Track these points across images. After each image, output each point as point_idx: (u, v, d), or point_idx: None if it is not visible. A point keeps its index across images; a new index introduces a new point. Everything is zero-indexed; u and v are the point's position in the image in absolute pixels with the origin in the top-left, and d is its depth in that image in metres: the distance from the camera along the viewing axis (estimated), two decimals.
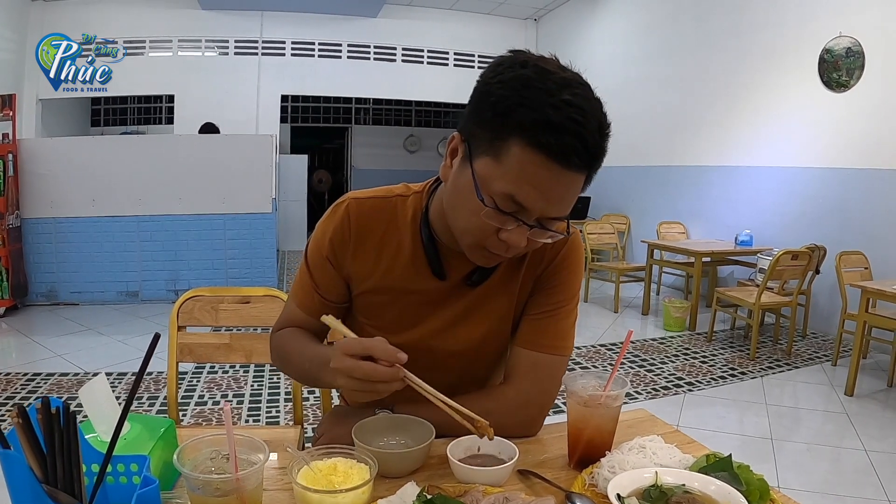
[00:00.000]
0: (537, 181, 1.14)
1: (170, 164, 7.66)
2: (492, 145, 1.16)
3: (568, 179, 1.15)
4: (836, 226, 6.56)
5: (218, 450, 1.04)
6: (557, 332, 1.49)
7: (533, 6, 12.53)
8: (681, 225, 8.76)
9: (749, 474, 1.12)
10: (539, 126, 1.10)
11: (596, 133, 1.13)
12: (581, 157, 1.13)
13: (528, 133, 1.11)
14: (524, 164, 1.13)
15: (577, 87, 1.15)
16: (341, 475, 1.07)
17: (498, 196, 1.17)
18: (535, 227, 1.20)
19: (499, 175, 1.16)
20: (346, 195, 1.51)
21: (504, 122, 1.14)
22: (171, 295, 7.63)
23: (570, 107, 1.10)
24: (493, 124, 1.16)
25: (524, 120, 1.11)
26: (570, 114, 1.10)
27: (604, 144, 1.17)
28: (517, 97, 1.13)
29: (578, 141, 1.11)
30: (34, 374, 5.07)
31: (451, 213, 1.31)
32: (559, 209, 1.20)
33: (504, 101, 1.14)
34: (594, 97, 1.17)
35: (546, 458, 1.34)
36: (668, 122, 9.24)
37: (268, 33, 11.86)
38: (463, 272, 1.45)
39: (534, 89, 1.12)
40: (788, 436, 4.20)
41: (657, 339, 6.52)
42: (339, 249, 1.47)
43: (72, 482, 0.84)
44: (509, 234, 1.20)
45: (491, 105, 1.17)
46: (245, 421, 4.30)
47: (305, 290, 1.52)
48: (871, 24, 6.22)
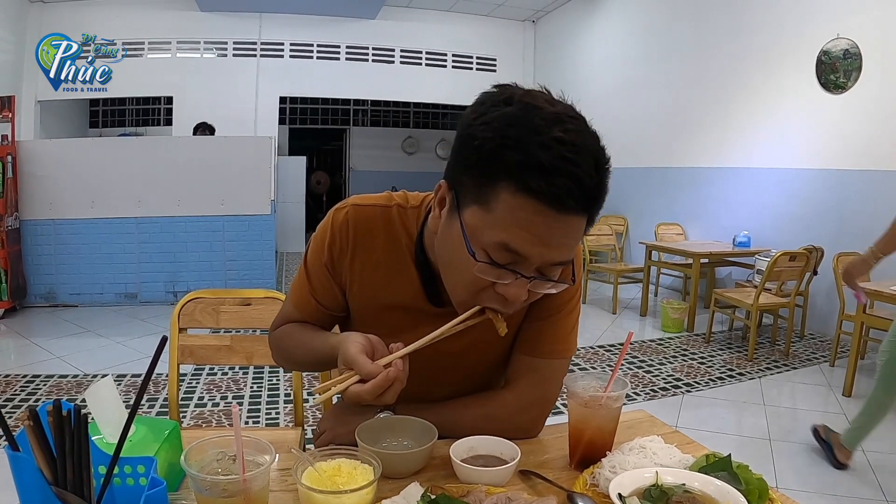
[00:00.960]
0: (532, 227, 1.06)
1: (168, 166, 7.67)
2: (480, 192, 1.09)
3: (566, 224, 1.07)
4: (834, 227, 6.57)
5: (224, 451, 1.05)
6: (557, 336, 1.46)
7: (531, 8, 12.53)
8: (679, 226, 8.77)
9: (748, 474, 1.13)
10: (527, 169, 1.02)
11: (592, 171, 1.04)
12: (577, 199, 1.04)
13: (517, 177, 1.03)
14: (515, 211, 1.05)
15: (569, 121, 1.06)
16: (345, 476, 1.08)
17: (490, 247, 1.09)
18: (535, 278, 1.12)
19: (489, 224, 1.08)
20: (347, 201, 1.45)
21: (490, 166, 1.06)
22: (170, 297, 7.64)
23: (560, 144, 1.02)
24: (479, 169, 1.08)
25: (511, 163, 1.03)
26: (561, 152, 1.02)
27: (602, 182, 1.07)
28: (502, 138, 1.04)
29: (573, 182, 1.02)
30: (33, 375, 5.07)
31: (443, 269, 1.25)
32: (560, 254, 1.11)
33: (488, 143, 1.06)
34: (589, 131, 1.09)
35: (547, 459, 1.35)
36: (666, 123, 9.25)
37: (266, 35, 11.86)
38: None
39: (519, 128, 1.04)
40: (786, 436, 4.21)
41: (655, 340, 6.53)
42: (337, 257, 1.43)
43: (81, 484, 0.84)
44: (507, 288, 1.12)
45: (475, 149, 1.08)
46: (245, 422, 4.30)
47: (303, 293, 1.50)
48: (869, 26, 6.23)
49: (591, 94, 11.20)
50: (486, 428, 1.33)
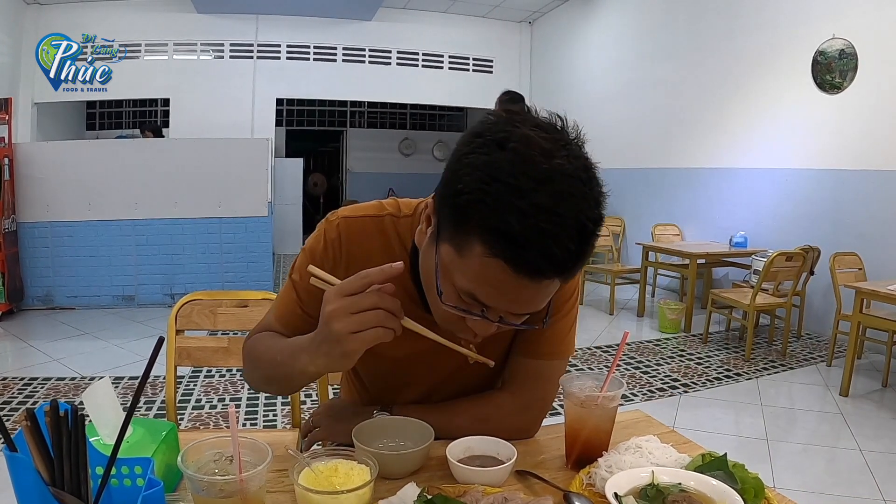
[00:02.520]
0: (500, 286, 1.03)
1: (165, 168, 7.66)
2: (455, 235, 1.05)
3: (536, 288, 1.03)
4: (830, 227, 6.58)
5: (221, 452, 1.05)
6: (555, 338, 1.45)
7: (527, 9, 12.54)
8: (675, 227, 8.77)
9: (744, 473, 1.13)
10: (499, 235, 0.97)
11: (571, 242, 0.98)
12: (548, 270, 1.00)
13: (488, 239, 0.99)
14: (484, 269, 1.02)
15: (560, 181, 0.98)
16: (342, 476, 1.08)
17: (460, 291, 1.08)
18: (501, 321, 1.11)
19: (460, 270, 1.06)
20: (337, 213, 1.42)
21: (466, 217, 1.01)
22: (167, 299, 7.64)
23: (541, 213, 0.95)
24: (456, 214, 1.04)
25: (484, 224, 0.99)
26: (538, 223, 0.95)
27: (583, 252, 1.01)
28: (481, 192, 0.98)
29: (544, 256, 0.97)
30: (31, 378, 5.06)
31: (423, 284, 1.24)
32: (528, 308, 1.10)
33: (468, 192, 1.00)
34: (582, 191, 1.00)
35: (544, 459, 1.35)
36: (662, 124, 9.26)
37: (263, 37, 11.85)
38: None
39: (502, 185, 0.97)
40: (784, 436, 4.21)
41: (652, 340, 6.54)
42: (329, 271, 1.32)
43: (78, 485, 0.85)
44: (474, 324, 1.12)
45: (456, 193, 1.03)
46: (242, 424, 4.30)
47: (288, 303, 1.44)
48: (865, 26, 6.24)
49: (587, 95, 11.21)
50: (483, 429, 1.33)
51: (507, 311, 1.09)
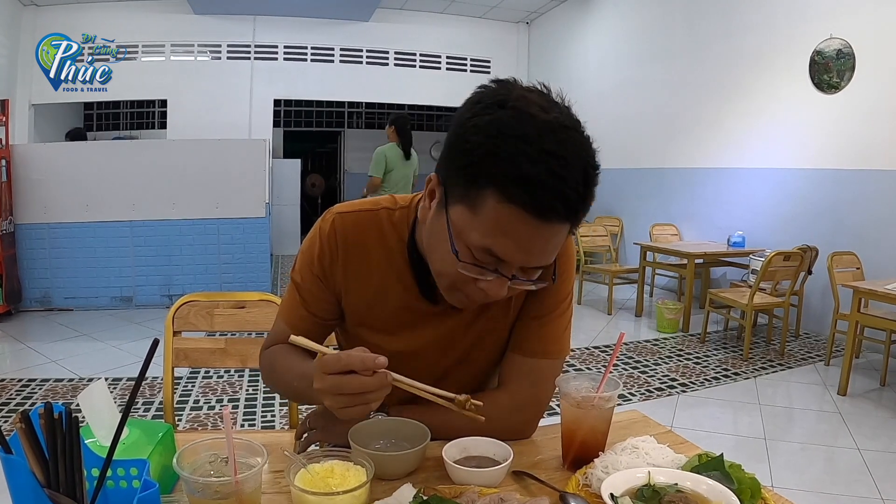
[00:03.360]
0: (515, 235, 1.09)
1: (163, 169, 7.66)
2: (467, 194, 1.11)
3: (549, 232, 1.10)
4: (828, 226, 6.59)
5: (216, 453, 1.05)
6: (551, 337, 1.46)
7: (525, 9, 12.54)
8: (673, 227, 8.78)
9: (740, 473, 1.13)
10: (514, 181, 1.04)
11: (580, 184, 1.06)
12: (562, 211, 1.06)
13: (503, 187, 1.05)
14: (500, 218, 1.07)
15: (560, 130, 1.07)
16: (338, 478, 1.08)
17: (474, 248, 1.12)
18: (515, 278, 1.16)
19: (474, 227, 1.11)
20: (330, 210, 1.46)
21: (478, 172, 1.08)
22: (165, 300, 7.63)
23: (550, 157, 1.03)
24: (467, 173, 1.10)
25: (498, 172, 1.05)
26: (549, 166, 1.03)
27: (588, 194, 1.09)
28: (491, 146, 1.06)
29: (558, 196, 1.04)
30: (29, 379, 5.06)
31: (429, 256, 1.28)
32: (541, 259, 1.15)
33: (478, 149, 1.07)
34: (581, 140, 1.10)
35: (540, 460, 1.35)
36: (660, 124, 9.26)
37: (260, 37, 11.86)
38: None
39: (509, 137, 1.05)
40: (782, 436, 4.22)
41: (650, 340, 6.54)
42: (328, 268, 1.43)
43: (73, 486, 0.85)
44: (488, 285, 1.16)
45: (465, 152, 1.10)
46: (241, 425, 4.30)
47: (293, 307, 1.48)
48: (862, 26, 6.25)
49: (585, 95, 11.20)
50: (481, 429, 1.30)
51: (520, 265, 1.15)
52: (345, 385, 1.07)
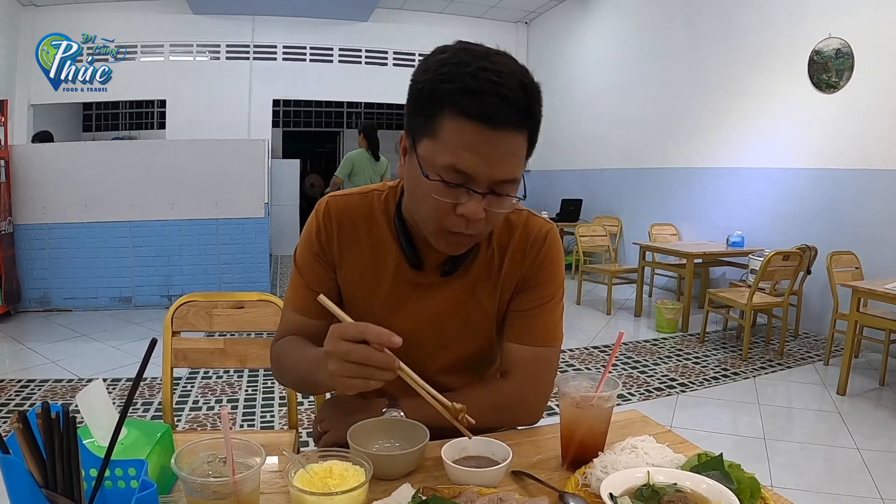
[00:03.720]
0: (473, 146, 1.20)
1: (162, 170, 7.65)
2: (428, 127, 1.24)
3: (502, 139, 1.21)
4: (827, 226, 6.59)
5: (215, 453, 1.05)
6: (547, 326, 1.54)
7: (523, 9, 12.55)
8: (672, 226, 8.78)
9: (740, 473, 1.13)
10: (460, 94, 1.17)
11: (518, 91, 1.19)
12: (507, 113, 1.18)
13: (453, 104, 1.19)
14: (456, 133, 1.20)
15: (495, 55, 1.22)
16: (337, 478, 1.07)
17: (442, 170, 1.22)
18: (487, 193, 1.24)
19: (439, 150, 1.22)
20: (325, 196, 1.57)
21: (432, 101, 1.22)
22: (164, 300, 7.63)
23: (486, 72, 1.17)
24: (425, 107, 1.24)
25: (447, 92, 1.19)
26: (487, 77, 1.17)
27: (532, 102, 1.22)
28: (439, 76, 1.20)
29: (500, 99, 1.16)
30: (28, 380, 5.06)
31: (412, 205, 1.38)
32: (504, 170, 1.24)
33: (428, 83, 1.22)
34: (516, 64, 1.22)
35: (539, 460, 1.34)
36: (659, 124, 9.27)
37: (259, 38, 11.87)
38: (438, 261, 1.49)
39: (452, 65, 1.20)
40: (781, 435, 4.22)
41: (650, 340, 6.54)
42: (325, 244, 1.52)
43: (71, 487, 0.84)
44: (465, 207, 1.24)
45: (418, 92, 1.25)
46: (240, 426, 4.30)
47: (298, 291, 1.55)
48: (861, 25, 6.25)
49: (584, 95, 11.23)
50: (494, 418, 1.46)
51: (488, 180, 1.23)
52: (354, 352, 1.11)
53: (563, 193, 11.36)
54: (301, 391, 1.72)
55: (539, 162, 13.14)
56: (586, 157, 11.21)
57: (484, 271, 1.52)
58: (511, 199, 1.29)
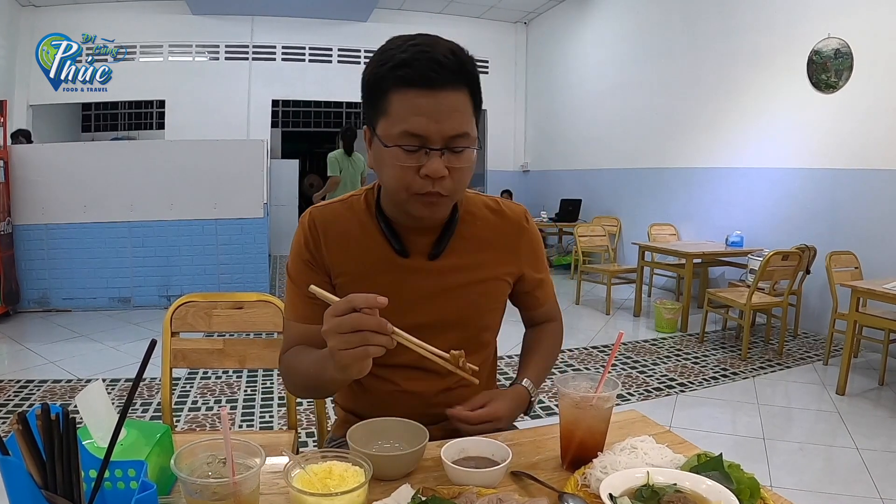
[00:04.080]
0: (419, 109, 1.31)
1: (161, 170, 7.64)
2: (380, 108, 1.37)
3: (444, 98, 1.32)
4: (826, 226, 6.59)
5: (214, 454, 1.05)
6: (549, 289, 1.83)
7: (522, 10, 12.56)
8: (671, 226, 8.79)
9: (740, 473, 1.13)
10: (397, 69, 1.31)
11: (448, 54, 1.32)
12: (441, 74, 1.31)
13: (394, 79, 1.32)
14: (401, 103, 1.33)
15: (424, 35, 1.36)
16: (336, 478, 1.07)
17: (399, 138, 1.33)
18: (443, 150, 1.34)
19: (392, 123, 1.34)
20: (307, 209, 1.65)
21: (377, 85, 1.36)
22: (164, 301, 7.63)
23: (416, 46, 1.32)
24: (374, 93, 1.38)
25: (387, 73, 1.33)
26: (418, 49, 1.32)
27: (463, 62, 1.35)
28: (378, 63, 1.36)
29: (430, 62, 1.30)
30: (27, 381, 5.06)
31: (383, 184, 1.48)
32: (453, 125, 1.34)
33: (372, 72, 1.37)
34: (444, 39, 1.37)
35: (539, 460, 1.35)
36: (658, 124, 9.27)
37: (258, 38, 11.88)
38: (424, 247, 1.56)
39: (386, 51, 1.36)
40: (781, 435, 4.22)
41: (649, 340, 6.54)
42: (315, 251, 1.57)
43: (71, 488, 0.84)
44: (427, 166, 1.34)
45: (367, 83, 1.40)
46: (239, 426, 4.30)
47: (296, 301, 1.58)
48: (860, 25, 6.25)
49: (583, 95, 11.23)
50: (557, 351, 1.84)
51: (440, 138, 1.33)
52: (345, 322, 1.14)
53: (563, 193, 11.37)
54: (316, 395, 1.77)
55: (538, 162, 13.17)
56: (585, 157, 11.22)
57: (470, 251, 1.61)
58: (468, 152, 1.38)
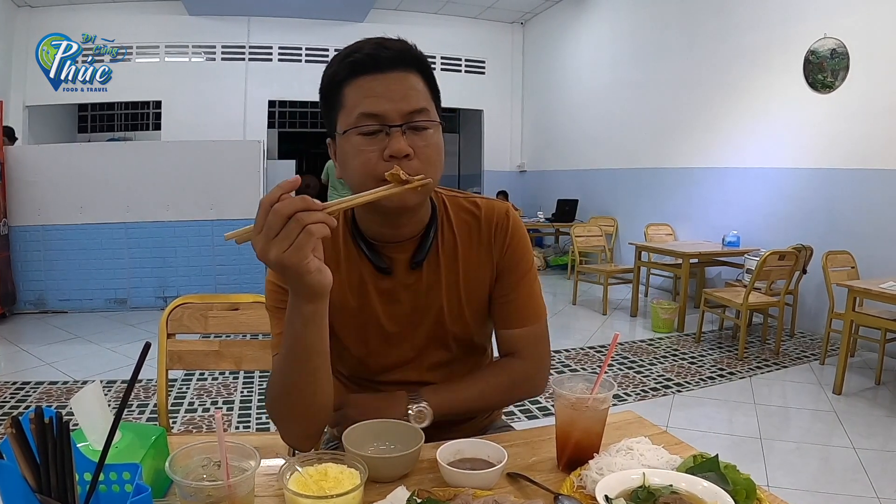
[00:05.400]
0: (372, 91, 1.32)
1: (158, 171, 7.64)
2: (337, 106, 1.37)
3: (395, 80, 1.33)
4: (823, 226, 6.60)
5: (209, 457, 1.04)
6: (533, 303, 1.60)
7: (519, 10, 12.56)
8: (668, 226, 8.79)
9: (735, 474, 1.13)
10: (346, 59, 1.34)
11: (395, 41, 1.35)
12: (387, 55, 1.33)
13: (345, 71, 1.34)
14: (356, 90, 1.33)
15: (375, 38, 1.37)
16: (332, 480, 1.07)
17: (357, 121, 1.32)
18: (403, 127, 1.32)
19: (349, 112, 1.33)
20: None
21: (332, 83, 1.37)
22: (160, 302, 7.61)
23: (366, 42, 1.35)
24: (330, 93, 1.39)
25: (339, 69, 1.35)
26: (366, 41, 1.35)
27: (409, 46, 1.37)
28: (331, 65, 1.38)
29: (376, 46, 1.33)
30: (23, 382, 5.05)
31: (351, 184, 1.40)
32: (409, 101, 1.33)
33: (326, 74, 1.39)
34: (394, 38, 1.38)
35: (535, 461, 1.34)
36: (655, 124, 9.28)
37: (255, 39, 11.87)
38: (404, 260, 1.51)
39: (341, 52, 1.37)
40: (778, 435, 4.22)
41: (646, 340, 6.54)
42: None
43: (65, 491, 0.84)
44: (390, 147, 1.30)
45: (324, 87, 1.41)
46: (235, 427, 4.30)
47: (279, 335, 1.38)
48: (856, 25, 6.26)
49: (579, 95, 11.24)
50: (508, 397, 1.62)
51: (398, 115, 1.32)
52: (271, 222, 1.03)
53: (559, 193, 11.37)
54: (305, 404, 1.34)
55: (535, 162, 13.17)
56: (582, 157, 11.22)
57: (452, 258, 1.55)
58: (431, 131, 1.37)
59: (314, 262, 1.08)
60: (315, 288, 1.12)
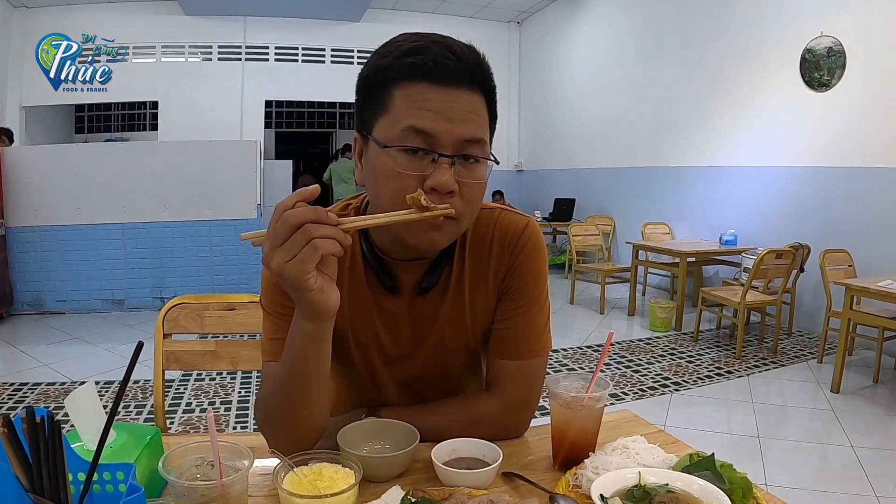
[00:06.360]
0: (429, 104, 1.14)
1: (154, 171, 7.63)
2: (380, 106, 1.19)
3: (458, 98, 1.16)
4: (820, 224, 6.60)
5: (203, 457, 1.04)
6: (531, 335, 1.43)
7: (516, 9, 12.56)
8: (665, 225, 8.80)
9: (732, 473, 1.12)
10: (405, 56, 1.15)
11: (465, 48, 1.18)
12: (456, 67, 1.15)
13: (400, 68, 1.15)
14: (409, 97, 1.15)
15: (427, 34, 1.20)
16: (327, 480, 1.07)
17: (402, 137, 1.15)
18: (454, 158, 1.16)
19: (395, 120, 1.16)
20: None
21: (378, 79, 1.19)
22: (157, 302, 7.61)
23: (423, 39, 1.17)
24: (373, 90, 1.20)
25: (391, 63, 1.16)
26: (431, 38, 1.17)
27: (481, 60, 1.21)
28: (381, 55, 1.19)
29: (447, 52, 1.15)
30: (21, 383, 5.04)
31: (375, 201, 1.25)
32: (465, 129, 1.16)
33: (372, 66, 1.20)
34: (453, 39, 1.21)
35: (530, 461, 1.34)
36: (652, 123, 9.28)
37: (251, 39, 11.86)
38: (413, 281, 1.39)
39: (390, 44, 1.20)
40: (776, 433, 4.22)
41: (643, 339, 6.55)
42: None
43: (58, 491, 0.84)
44: (434, 178, 1.14)
45: (365, 79, 1.22)
46: (233, 427, 4.30)
47: (273, 340, 1.35)
48: (852, 24, 6.27)
49: (576, 94, 11.24)
50: (475, 431, 1.31)
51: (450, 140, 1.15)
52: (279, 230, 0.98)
53: (556, 193, 11.37)
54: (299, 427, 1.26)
55: (532, 161, 13.17)
56: (579, 156, 11.22)
57: (461, 283, 1.42)
58: (483, 166, 1.21)
59: (315, 280, 1.02)
60: (315, 307, 1.05)
